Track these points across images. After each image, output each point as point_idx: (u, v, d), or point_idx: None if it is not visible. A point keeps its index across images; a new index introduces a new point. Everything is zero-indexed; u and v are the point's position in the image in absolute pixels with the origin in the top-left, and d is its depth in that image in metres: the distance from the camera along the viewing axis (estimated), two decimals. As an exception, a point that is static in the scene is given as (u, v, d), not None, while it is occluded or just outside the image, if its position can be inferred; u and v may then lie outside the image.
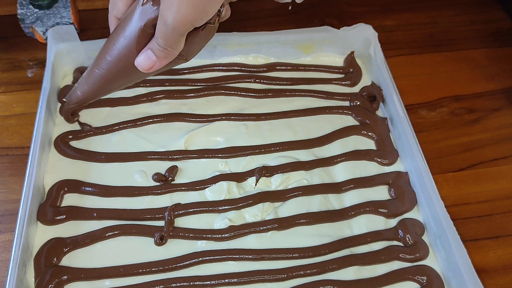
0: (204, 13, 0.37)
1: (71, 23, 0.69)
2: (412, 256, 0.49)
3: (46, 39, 0.63)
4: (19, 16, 0.68)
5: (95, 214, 0.50)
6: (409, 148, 0.55)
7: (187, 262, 0.47)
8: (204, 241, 0.49)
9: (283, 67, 0.66)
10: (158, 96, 0.60)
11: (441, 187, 0.57)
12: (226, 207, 0.51)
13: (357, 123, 0.60)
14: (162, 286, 0.45)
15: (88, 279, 0.46)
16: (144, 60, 0.39)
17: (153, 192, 0.52)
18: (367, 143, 0.59)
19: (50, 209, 0.49)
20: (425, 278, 0.47)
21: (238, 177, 0.54)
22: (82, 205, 0.51)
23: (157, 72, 0.42)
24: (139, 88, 0.61)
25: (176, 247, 0.49)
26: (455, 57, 0.74)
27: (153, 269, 0.47)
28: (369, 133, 0.59)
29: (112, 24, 0.42)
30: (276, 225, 0.50)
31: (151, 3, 0.38)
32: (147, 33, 0.39)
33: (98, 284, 0.46)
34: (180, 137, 0.57)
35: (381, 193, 0.54)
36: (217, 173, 0.54)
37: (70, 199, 0.51)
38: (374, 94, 0.62)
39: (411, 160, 0.54)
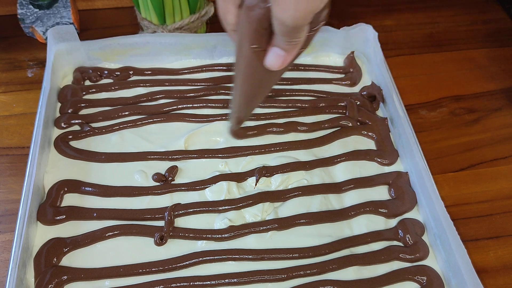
0: None
1: (71, 23, 0.69)
2: (412, 256, 0.49)
3: (46, 39, 0.63)
4: (19, 16, 0.68)
5: (95, 214, 0.50)
6: (409, 148, 0.55)
7: (187, 262, 0.47)
8: (204, 241, 0.49)
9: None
10: (158, 96, 0.60)
11: (441, 187, 0.57)
12: (226, 207, 0.51)
13: (357, 123, 0.60)
14: (162, 286, 0.45)
15: (88, 279, 0.46)
16: (274, 59, 0.38)
17: (153, 192, 0.52)
18: (367, 143, 0.59)
19: (50, 209, 0.49)
20: (425, 278, 0.47)
21: (238, 177, 0.54)
22: (82, 205, 0.51)
23: (289, 66, 0.40)
24: (139, 88, 0.61)
25: (176, 247, 0.49)
26: (455, 57, 0.74)
27: (153, 269, 0.46)
28: (369, 133, 0.59)
29: (233, 38, 0.41)
30: (276, 225, 0.50)
31: (256, 4, 0.35)
32: (264, 33, 0.37)
33: (98, 284, 0.46)
34: (180, 137, 0.57)
35: (381, 193, 0.54)
36: (217, 173, 0.54)
37: (70, 199, 0.51)
38: (374, 94, 0.62)
39: (411, 160, 0.54)
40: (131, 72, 0.63)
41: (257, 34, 0.36)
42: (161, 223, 0.50)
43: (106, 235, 0.48)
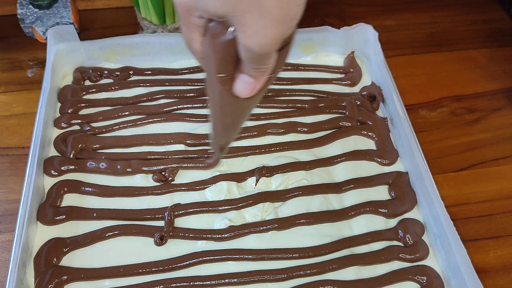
0: (294, 19, 0.31)
1: (71, 23, 0.69)
2: (412, 256, 0.49)
3: (46, 39, 0.63)
4: (19, 16, 0.68)
5: (95, 214, 0.50)
6: (409, 148, 0.55)
7: (187, 262, 0.47)
8: (204, 241, 0.49)
9: (283, 67, 0.65)
10: (158, 96, 0.60)
11: (441, 187, 0.57)
12: (226, 207, 0.51)
13: (357, 123, 0.60)
14: (162, 286, 0.45)
15: (88, 279, 0.46)
16: (243, 86, 0.36)
17: (153, 192, 0.52)
18: (367, 143, 0.59)
19: (50, 209, 0.49)
20: (425, 278, 0.47)
21: (238, 177, 0.54)
22: (82, 205, 0.51)
23: (264, 92, 0.38)
24: (139, 88, 0.61)
25: (176, 247, 0.49)
26: (456, 57, 0.74)
27: (153, 269, 0.46)
28: (369, 133, 0.59)
29: (203, 65, 0.39)
30: (276, 225, 0.50)
31: (220, 31, 0.33)
32: (231, 61, 0.35)
33: (98, 284, 0.46)
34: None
35: (381, 193, 0.54)
36: (217, 173, 0.54)
37: (70, 199, 0.51)
38: (374, 94, 0.62)
39: (411, 160, 0.54)
40: (131, 72, 0.63)
41: (224, 63, 0.35)
42: (161, 223, 0.50)
43: (106, 235, 0.48)
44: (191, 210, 0.51)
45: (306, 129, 0.59)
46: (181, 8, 0.34)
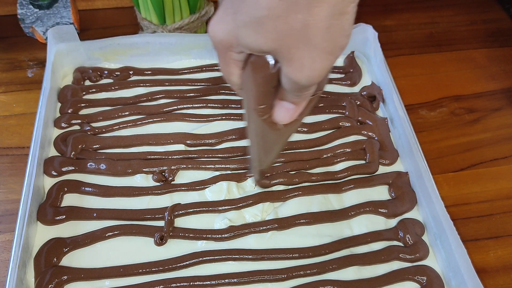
0: (342, 49, 0.31)
1: (71, 23, 0.69)
2: (412, 256, 0.49)
3: (46, 39, 0.63)
4: (19, 16, 0.68)
5: (95, 214, 0.50)
6: (409, 148, 0.55)
7: (187, 262, 0.47)
8: (204, 241, 0.49)
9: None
10: (158, 96, 0.60)
11: (441, 187, 0.57)
12: (226, 207, 0.51)
13: (357, 123, 0.60)
14: (162, 286, 0.45)
15: (88, 279, 0.46)
16: (284, 113, 0.35)
17: (153, 192, 0.52)
18: (367, 143, 0.59)
19: (50, 209, 0.49)
20: (425, 278, 0.47)
21: (238, 177, 0.54)
22: (82, 205, 0.51)
23: (302, 118, 0.38)
24: (139, 88, 0.61)
25: (176, 247, 0.48)
26: (455, 57, 0.74)
27: (153, 269, 0.46)
28: (369, 133, 0.59)
29: (241, 95, 0.39)
30: (276, 225, 0.50)
31: (262, 65, 0.33)
32: (272, 91, 0.35)
33: (98, 284, 0.46)
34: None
35: (381, 193, 0.54)
36: (217, 173, 0.54)
37: (70, 199, 0.51)
38: (374, 94, 0.62)
39: (411, 160, 0.54)
40: (131, 72, 0.63)
41: (265, 94, 0.35)
42: (161, 223, 0.50)
43: (106, 235, 0.48)
44: (191, 210, 0.51)
45: (306, 129, 0.59)
46: (220, 44, 0.33)
